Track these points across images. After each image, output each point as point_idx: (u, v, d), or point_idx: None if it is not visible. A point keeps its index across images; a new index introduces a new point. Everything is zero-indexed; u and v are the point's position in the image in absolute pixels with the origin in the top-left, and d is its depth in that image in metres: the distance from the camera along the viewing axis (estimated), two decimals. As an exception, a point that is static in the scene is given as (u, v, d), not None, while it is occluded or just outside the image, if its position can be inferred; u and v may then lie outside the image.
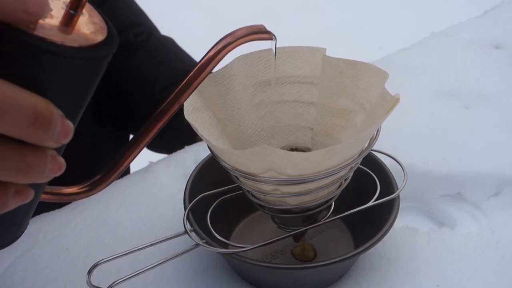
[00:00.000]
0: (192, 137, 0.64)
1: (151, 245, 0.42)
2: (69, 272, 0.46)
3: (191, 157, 0.60)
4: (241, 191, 0.43)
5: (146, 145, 0.33)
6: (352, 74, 0.42)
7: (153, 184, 0.56)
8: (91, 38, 0.26)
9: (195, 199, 0.44)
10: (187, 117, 0.38)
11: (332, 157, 0.35)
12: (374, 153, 0.48)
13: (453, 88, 0.70)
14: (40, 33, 0.24)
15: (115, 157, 0.33)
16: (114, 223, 0.51)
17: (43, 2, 0.23)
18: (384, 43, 1.62)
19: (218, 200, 0.45)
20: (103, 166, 0.33)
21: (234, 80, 0.43)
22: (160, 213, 0.52)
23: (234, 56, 0.42)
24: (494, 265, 0.45)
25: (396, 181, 0.46)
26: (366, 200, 0.43)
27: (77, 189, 0.33)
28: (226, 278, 0.45)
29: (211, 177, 0.47)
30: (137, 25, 0.70)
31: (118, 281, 0.39)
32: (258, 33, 0.33)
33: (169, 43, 0.73)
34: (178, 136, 0.67)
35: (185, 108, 0.39)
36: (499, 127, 0.62)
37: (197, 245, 0.41)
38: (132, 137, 0.33)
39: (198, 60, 0.33)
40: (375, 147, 0.42)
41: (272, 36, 0.35)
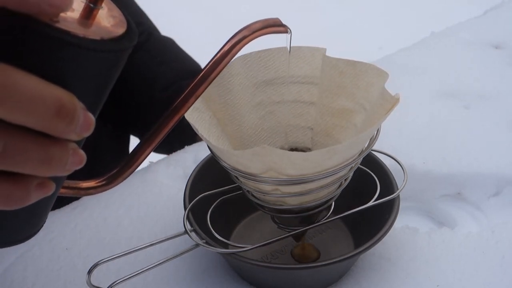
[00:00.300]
0: (192, 137, 0.64)
1: (151, 245, 0.42)
2: (69, 272, 0.46)
3: (191, 157, 0.60)
4: (241, 191, 0.43)
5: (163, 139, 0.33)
6: (352, 74, 0.42)
7: (153, 184, 0.56)
8: (112, 31, 0.26)
9: (195, 199, 0.44)
10: (187, 117, 0.38)
11: (332, 157, 0.35)
12: (374, 153, 0.48)
13: (453, 88, 0.70)
14: (63, 26, 0.23)
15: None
16: (114, 223, 0.51)
17: None
18: (384, 43, 1.62)
19: (218, 200, 0.45)
20: (104, 166, 0.33)
21: (234, 80, 0.43)
22: (160, 213, 0.52)
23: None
24: (494, 265, 0.45)
25: (396, 181, 0.46)
26: (366, 200, 0.43)
27: (95, 183, 0.33)
28: (226, 278, 0.45)
29: (211, 177, 0.47)
30: (137, 25, 0.70)
31: (118, 281, 0.39)
32: (274, 26, 0.33)
33: (169, 43, 0.73)
34: (178, 136, 0.67)
35: (185, 108, 0.39)
36: (499, 127, 0.62)
37: (197, 245, 0.41)
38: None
39: (214, 54, 0.33)
40: (375, 147, 0.42)
41: (288, 29, 0.34)
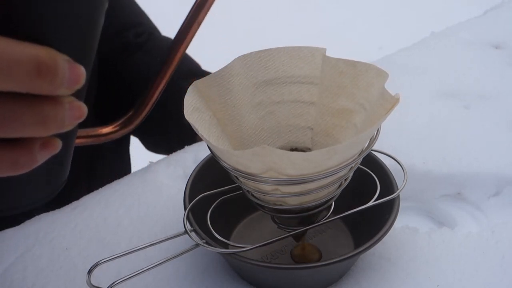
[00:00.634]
0: (192, 137, 0.64)
1: (151, 245, 0.42)
2: (69, 272, 0.46)
3: (191, 157, 0.60)
4: (241, 191, 0.43)
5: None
6: (352, 74, 0.42)
7: (153, 184, 0.56)
8: None
9: (195, 199, 0.44)
10: (187, 117, 0.38)
11: (332, 157, 0.35)
12: (374, 153, 0.48)
13: (453, 88, 0.70)
14: None
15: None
16: (114, 223, 0.51)
17: None
18: (384, 43, 1.62)
19: (218, 200, 0.45)
20: (104, 165, 0.33)
21: (234, 80, 0.43)
22: (160, 213, 0.52)
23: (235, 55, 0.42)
24: (494, 265, 0.45)
25: (396, 181, 0.46)
26: (366, 200, 0.43)
27: (112, 128, 0.32)
28: (226, 278, 0.45)
29: (211, 177, 0.46)
30: (138, 26, 0.70)
31: (118, 281, 0.39)
32: None
33: (169, 43, 0.73)
34: (178, 136, 0.67)
35: (185, 108, 0.39)
36: (499, 127, 0.62)
37: (197, 245, 0.41)
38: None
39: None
40: (375, 147, 0.42)
41: None
